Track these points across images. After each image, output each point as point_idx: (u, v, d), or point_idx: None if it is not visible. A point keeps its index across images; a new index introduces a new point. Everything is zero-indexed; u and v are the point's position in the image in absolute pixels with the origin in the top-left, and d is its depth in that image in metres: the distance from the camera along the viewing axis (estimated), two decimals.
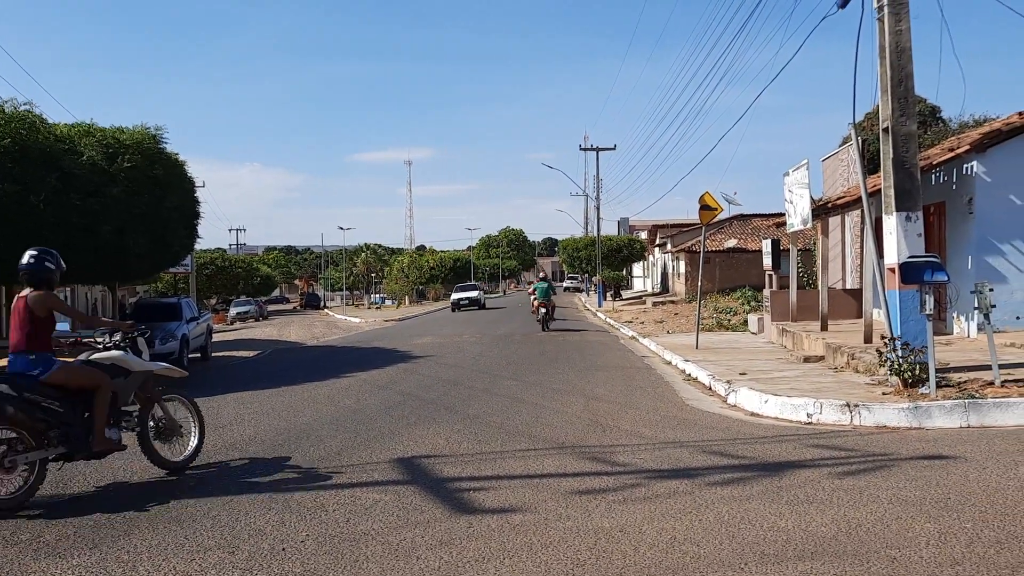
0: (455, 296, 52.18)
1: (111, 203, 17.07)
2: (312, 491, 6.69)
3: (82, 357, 7.36)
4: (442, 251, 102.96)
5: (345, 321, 47.89)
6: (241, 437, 9.25)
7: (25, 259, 7.12)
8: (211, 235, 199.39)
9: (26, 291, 6.99)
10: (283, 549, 5.19)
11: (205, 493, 6.71)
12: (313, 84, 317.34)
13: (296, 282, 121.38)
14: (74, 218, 16.24)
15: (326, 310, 73.65)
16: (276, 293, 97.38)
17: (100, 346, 7.60)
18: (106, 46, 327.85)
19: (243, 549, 5.22)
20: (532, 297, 29.07)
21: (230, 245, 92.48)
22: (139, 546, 5.33)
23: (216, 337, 27.92)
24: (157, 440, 7.58)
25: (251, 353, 24.35)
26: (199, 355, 21.59)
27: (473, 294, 52.02)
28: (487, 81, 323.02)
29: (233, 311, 58.89)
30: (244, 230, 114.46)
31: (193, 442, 7.88)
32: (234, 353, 24.62)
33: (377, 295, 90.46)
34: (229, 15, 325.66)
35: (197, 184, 23.85)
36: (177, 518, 5.98)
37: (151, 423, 7.57)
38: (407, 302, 78.65)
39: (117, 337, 7.65)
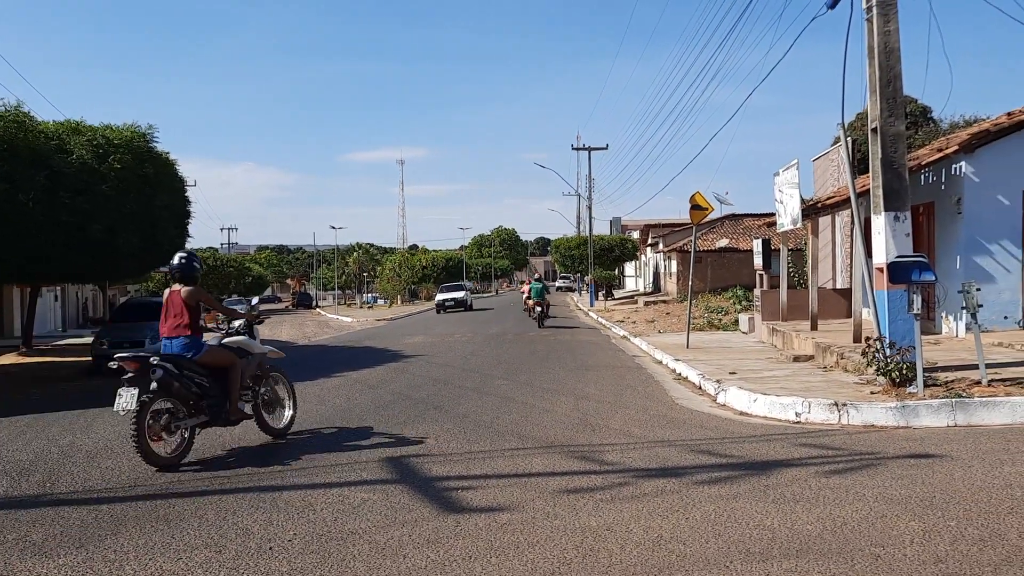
0: (439, 297, 49.59)
1: (101, 202, 17.02)
2: (300, 490, 6.68)
3: (212, 340, 8.71)
4: (434, 250, 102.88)
5: (337, 320, 47.85)
6: (230, 436, 9.23)
7: (176, 260, 8.51)
8: (203, 234, 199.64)
9: (177, 286, 8.38)
10: (270, 548, 5.19)
11: (194, 491, 6.71)
12: (306, 84, 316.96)
13: (288, 281, 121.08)
14: (63, 217, 16.19)
15: (318, 309, 73.56)
16: (268, 292, 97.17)
17: (231, 330, 9.08)
18: (97, 45, 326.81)
19: (230, 548, 5.21)
20: (525, 296, 31.66)
21: (222, 244, 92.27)
22: (126, 545, 5.33)
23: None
24: (264, 411, 8.91)
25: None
26: None
27: (459, 295, 49.01)
28: (480, 81, 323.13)
29: None
30: (236, 229, 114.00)
31: (288, 413, 9.22)
32: None
33: (369, 294, 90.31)
34: (222, 14, 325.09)
35: (188, 183, 23.83)
36: (164, 517, 5.98)
37: (261, 396, 8.91)
38: (399, 301, 78.57)
39: (237, 324, 9.10)
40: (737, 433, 8.62)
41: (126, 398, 7.55)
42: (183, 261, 8.48)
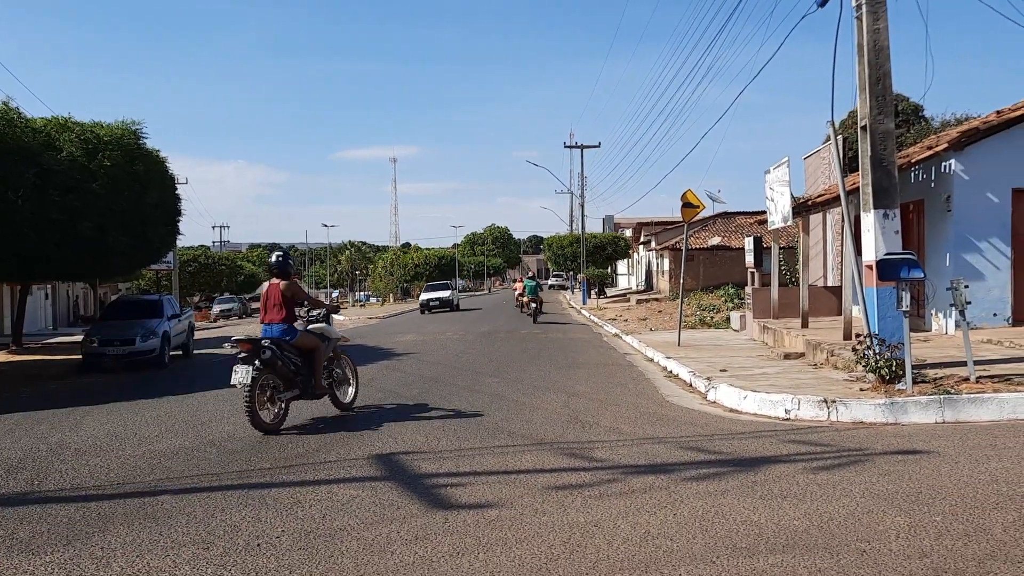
0: (424, 296, 46.76)
1: (91, 199, 16.97)
2: (289, 487, 6.68)
3: (298, 326, 9.95)
4: (427, 249, 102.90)
5: None
6: (219, 434, 9.22)
7: (273, 259, 10.03)
8: (194, 232, 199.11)
9: (275, 281, 9.78)
10: (258, 545, 5.19)
11: (183, 488, 6.70)
12: (297, 81, 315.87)
13: None
14: (53, 214, 16.14)
15: (419, 293, 73.28)
16: (260, 290, 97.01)
17: (311, 317, 10.37)
18: (86, 43, 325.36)
19: (218, 545, 5.21)
20: (518, 293, 34.98)
21: (214, 242, 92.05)
22: (113, 542, 5.32)
23: (199, 335, 27.82)
24: (335, 388, 10.30)
25: (234, 351, 24.21)
26: (181, 352, 21.51)
27: (444, 294, 46.42)
28: (473, 79, 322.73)
29: (216, 308, 58.65)
30: (228, 227, 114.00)
31: (352, 389, 10.66)
32: (216, 351, 24.50)
33: (362, 292, 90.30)
34: (212, 12, 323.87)
35: (179, 181, 23.79)
36: (152, 514, 5.97)
37: (334, 375, 10.31)
38: (391, 300, 78.55)
39: (315, 313, 10.42)
40: (726, 430, 8.64)
41: (242, 374, 9.08)
42: (280, 259, 9.91)
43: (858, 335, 10.90)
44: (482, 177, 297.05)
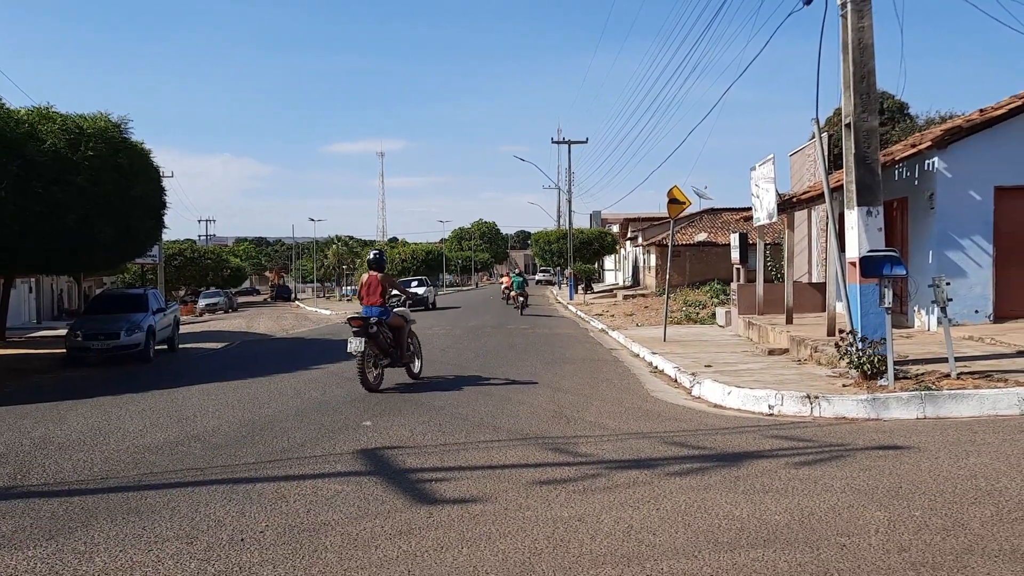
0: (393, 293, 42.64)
1: (75, 192, 16.85)
2: (273, 482, 6.68)
3: (389, 307, 12.34)
4: (414, 243, 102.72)
5: (316, 313, 47.68)
6: (204, 429, 9.21)
7: (372, 256, 12.71)
8: (180, 226, 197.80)
9: (373, 272, 12.29)
10: (242, 539, 5.19)
11: (167, 483, 6.69)
12: (284, 75, 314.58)
13: (267, 274, 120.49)
14: (36, 207, 16.02)
15: (297, 302, 73.20)
16: (246, 285, 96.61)
17: (394, 303, 12.83)
18: (64, 34, 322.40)
19: (201, 540, 5.21)
20: (504, 286, 38.41)
21: (199, 236, 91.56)
22: (96, 537, 5.31)
23: (184, 329, 27.71)
24: (410, 360, 12.74)
25: (219, 345, 24.18)
26: (166, 346, 21.41)
27: (417, 291, 41.66)
28: (460, 74, 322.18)
29: (202, 303, 58.36)
30: (214, 221, 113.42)
31: (419, 363, 13.03)
32: (202, 345, 24.43)
33: (348, 287, 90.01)
34: (198, 5, 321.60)
35: (165, 174, 23.63)
36: (136, 509, 5.96)
37: (411, 349, 12.72)
38: None
39: (394, 299, 12.95)
40: (710, 425, 8.70)
41: (356, 344, 11.53)
42: (377, 256, 12.61)
43: (841, 331, 10.98)
44: (469, 172, 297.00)
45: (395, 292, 12.92)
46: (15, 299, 31.95)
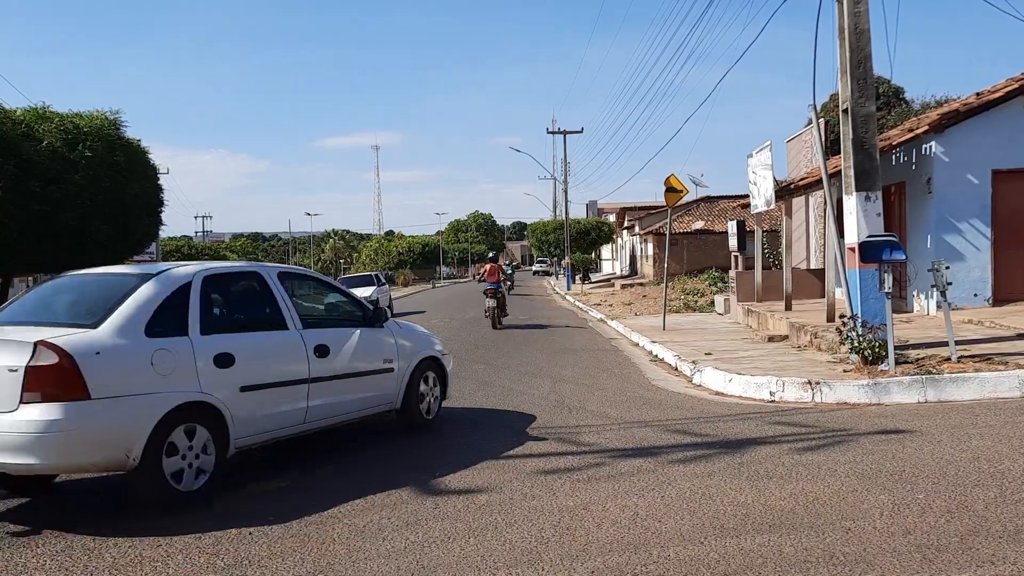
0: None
1: (72, 191, 16.79)
2: (277, 476, 6.70)
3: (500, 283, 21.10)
4: (411, 236, 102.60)
5: None
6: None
7: (491, 254, 24.17)
8: (177, 222, 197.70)
9: (492, 264, 22.23)
10: (249, 533, 5.21)
11: None
12: (276, 70, 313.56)
13: None
14: (34, 206, 15.97)
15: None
16: None
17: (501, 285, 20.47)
18: (64, 32, 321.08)
19: (209, 534, 5.23)
20: (479, 278, 37.15)
21: (196, 232, 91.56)
22: (106, 533, 5.32)
23: None
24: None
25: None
26: None
27: (362, 293, 27.92)
28: (454, 65, 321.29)
29: None
30: (210, 217, 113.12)
31: (507, 319, 21.17)
32: None
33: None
34: (191, 0, 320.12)
35: (161, 171, 23.52)
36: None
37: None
38: None
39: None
40: (712, 413, 8.73)
41: (490, 302, 20.35)
42: (494, 254, 23.78)
43: (841, 317, 11.00)
44: (465, 164, 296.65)
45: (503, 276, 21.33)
46: (13, 297, 31.95)
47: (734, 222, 21.25)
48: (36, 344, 5.30)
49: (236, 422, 6.15)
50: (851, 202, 10.63)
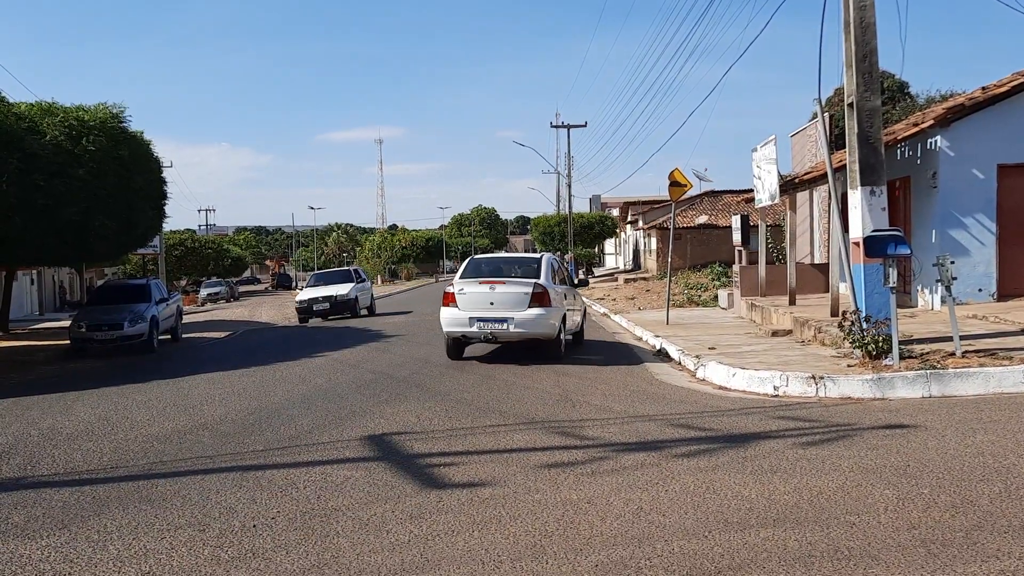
0: (303, 295, 29.33)
1: (76, 184, 16.83)
2: (283, 469, 6.71)
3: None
4: (414, 230, 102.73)
5: None
6: (211, 417, 9.23)
7: (553, 255, 17.46)
8: (180, 216, 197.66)
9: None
10: (254, 526, 5.22)
11: (176, 472, 6.72)
12: (279, 63, 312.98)
13: (267, 263, 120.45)
14: (38, 199, 16.00)
15: (298, 290, 73.21)
16: (247, 274, 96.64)
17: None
18: (65, 25, 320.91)
19: (214, 527, 5.24)
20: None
21: (200, 226, 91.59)
22: (109, 525, 5.34)
23: (187, 318, 27.74)
24: None
25: (222, 334, 24.23)
26: (169, 336, 21.45)
27: (337, 291, 28.14)
28: (457, 58, 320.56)
29: (204, 292, 58.45)
30: (214, 211, 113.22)
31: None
32: (205, 334, 24.47)
33: None
34: None
35: (164, 164, 23.59)
36: (148, 497, 5.99)
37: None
38: (379, 281, 78.37)
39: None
40: (716, 407, 8.72)
41: None
42: (548, 251, 26.55)
43: (845, 312, 10.98)
44: (468, 158, 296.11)
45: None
46: (17, 291, 32.03)
47: (738, 216, 21.24)
48: (534, 284, 12.75)
49: None
50: (856, 196, 10.61)
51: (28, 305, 40.30)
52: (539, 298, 12.55)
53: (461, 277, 13.45)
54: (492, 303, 12.66)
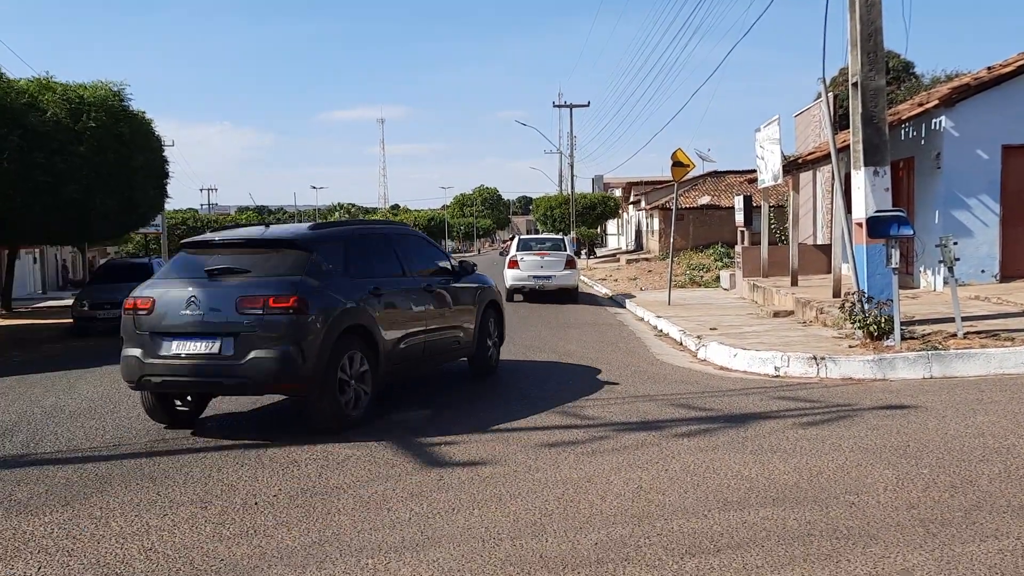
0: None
1: (77, 162, 16.77)
2: (285, 447, 6.72)
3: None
4: (416, 210, 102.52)
5: None
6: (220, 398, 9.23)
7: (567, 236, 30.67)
8: (182, 195, 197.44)
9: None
10: (255, 503, 5.24)
11: (179, 449, 6.75)
12: (281, 42, 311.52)
13: None
14: (39, 177, 15.95)
15: None
16: None
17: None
18: (66, 2, 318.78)
19: (215, 504, 5.26)
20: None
21: (201, 205, 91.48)
22: (111, 503, 5.36)
23: None
24: None
25: None
26: None
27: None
28: (460, 38, 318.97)
29: None
30: (216, 190, 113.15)
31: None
32: None
33: None
34: None
35: (166, 143, 23.49)
36: (150, 475, 6.01)
37: None
38: None
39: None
40: (717, 387, 8.73)
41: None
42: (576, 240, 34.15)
43: (847, 292, 10.97)
44: (471, 138, 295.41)
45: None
46: (20, 270, 32.00)
47: (741, 197, 21.18)
48: (567, 255, 20.88)
49: None
50: (859, 177, 10.56)
51: (31, 284, 40.32)
52: (570, 263, 20.52)
53: (517, 250, 20.95)
54: (542, 267, 20.28)
